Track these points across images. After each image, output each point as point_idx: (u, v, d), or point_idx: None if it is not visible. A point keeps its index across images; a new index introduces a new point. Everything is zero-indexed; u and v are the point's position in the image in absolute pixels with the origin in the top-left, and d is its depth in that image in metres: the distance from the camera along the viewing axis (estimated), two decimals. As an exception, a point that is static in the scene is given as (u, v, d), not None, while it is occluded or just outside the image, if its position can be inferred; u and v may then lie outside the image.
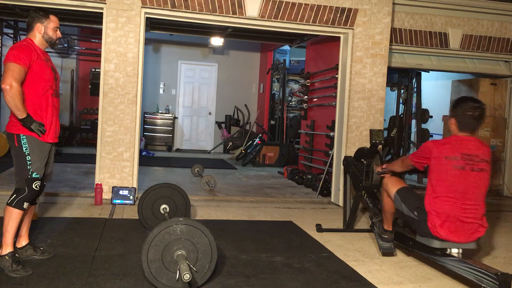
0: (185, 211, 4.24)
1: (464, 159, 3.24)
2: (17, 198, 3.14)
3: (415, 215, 3.40)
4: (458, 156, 3.24)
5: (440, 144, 3.34)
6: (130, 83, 5.45)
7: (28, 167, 3.16)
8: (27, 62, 3.09)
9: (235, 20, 5.77)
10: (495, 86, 7.67)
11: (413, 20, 6.65)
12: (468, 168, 3.23)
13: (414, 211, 3.41)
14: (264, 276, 3.26)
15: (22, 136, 3.15)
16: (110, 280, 3.02)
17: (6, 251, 3.09)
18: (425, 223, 3.32)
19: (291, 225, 4.85)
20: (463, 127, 3.34)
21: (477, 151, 3.29)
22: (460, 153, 3.25)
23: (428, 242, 3.38)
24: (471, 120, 3.30)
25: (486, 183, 3.33)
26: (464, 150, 3.26)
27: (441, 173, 3.26)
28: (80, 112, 11.54)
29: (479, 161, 3.27)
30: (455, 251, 3.34)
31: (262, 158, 9.87)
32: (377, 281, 3.31)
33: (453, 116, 3.38)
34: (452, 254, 3.33)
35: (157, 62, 11.96)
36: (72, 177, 6.78)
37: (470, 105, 3.31)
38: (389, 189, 3.67)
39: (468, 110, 3.30)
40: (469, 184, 3.25)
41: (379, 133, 4.69)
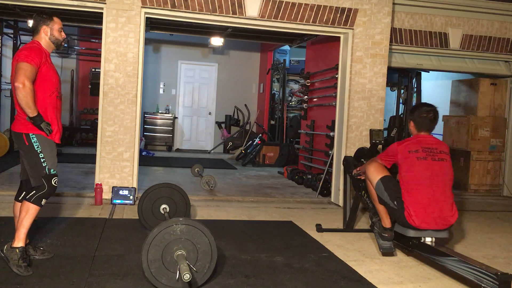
0: (185, 211, 4.24)
1: (425, 151, 3.64)
2: (37, 194, 3.18)
3: (395, 204, 3.66)
4: (420, 149, 3.64)
5: (402, 142, 3.78)
6: (130, 83, 5.45)
7: (43, 164, 3.20)
8: (38, 62, 3.15)
9: (235, 20, 5.78)
10: (495, 86, 7.67)
11: (413, 20, 6.65)
12: (429, 158, 3.62)
13: (394, 200, 3.66)
14: (264, 276, 3.26)
15: (31, 135, 3.19)
16: (110, 280, 3.02)
17: (18, 245, 3.12)
18: (402, 213, 3.60)
19: (291, 225, 4.85)
20: (420, 128, 3.78)
21: (436, 145, 3.71)
22: (420, 146, 3.66)
23: (404, 232, 3.66)
24: (426, 121, 3.75)
25: (450, 171, 3.68)
26: (423, 144, 3.68)
27: (408, 165, 3.64)
28: (80, 112, 11.54)
29: (438, 153, 3.66)
30: (428, 239, 3.60)
31: (262, 158, 9.87)
32: (377, 281, 3.31)
33: (411, 119, 3.85)
34: (426, 243, 3.58)
35: (157, 62, 11.96)
36: (72, 177, 6.78)
37: (424, 109, 3.79)
38: (372, 177, 3.86)
39: (423, 113, 3.76)
40: (433, 172, 3.59)
41: (379, 133, 4.69)
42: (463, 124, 7.78)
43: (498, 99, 7.71)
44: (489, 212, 6.31)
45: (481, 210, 6.36)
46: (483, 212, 6.26)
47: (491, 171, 7.70)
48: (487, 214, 6.10)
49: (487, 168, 7.69)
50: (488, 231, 5.09)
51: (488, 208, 6.56)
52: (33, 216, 3.18)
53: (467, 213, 6.02)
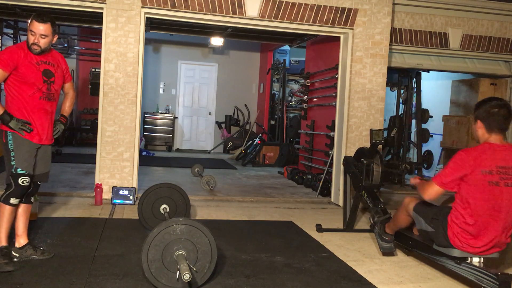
0: (185, 211, 4.24)
1: (499, 173, 2.96)
2: (6, 193, 3.23)
3: (432, 227, 3.24)
4: (494, 170, 2.96)
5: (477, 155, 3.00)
6: (130, 83, 5.45)
7: (12, 162, 3.23)
8: (9, 64, 3.17)
9: (235, 20, 5.77)
10: (495, 86, 7.67)
11: (413, 20, 6.65)
12: (502, 183, 2.97)
13: (431, 223, 3.24)
14: (264, 276, 3.26)
15: (8, 133, 3.24)
16: (110, 280, 3.02)
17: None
18: (444, 233, 3.14)
19: (291, 225, 4.85)
20: (492, 128, 3.03)
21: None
22: (495, 165, 2.96)
23: (448, 252, 3.21)
24: (499, 119, 3.00)
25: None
26: (498, 161, 2.97)
27: (475, 188, 2.99)
28: (80, 112, 11.53)
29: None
30: (476, 259, 3.13)
31: (262, 158, 9.87)
32: (377, 281, 3.31)
33: (477, 118, 3.10)
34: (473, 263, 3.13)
35: (157, 62, 11.96)
36: (72, 177, 6.78)
37: (495, 103, 3.04)
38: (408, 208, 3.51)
39: (494, 107, 3.02)
40: (503, 202, 2.99)
41: (379, 133, 4.69)
42: (463, 124, 7.77)
43: (498, 99, 7.69)
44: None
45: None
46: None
47: (491, 171, 7.67)
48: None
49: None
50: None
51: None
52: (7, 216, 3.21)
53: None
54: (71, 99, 3.67)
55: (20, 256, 3.31)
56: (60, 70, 3.45)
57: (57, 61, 3.44)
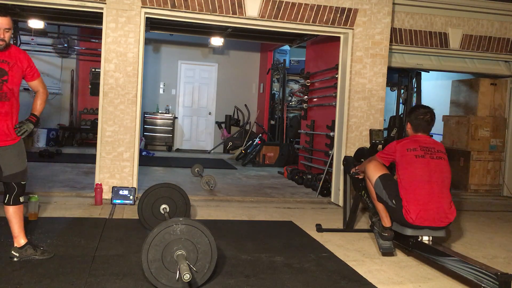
0: (185, 211, 4.24)
1: (423, 150, 3.70)
2: None
3: (393, 203, 3.68)
4: (418, 148, 3.71)
5: (400, 141, 3.85)
6: (130, 83, 5.45)
7: None
8: None
9: (235, 20, 5.77)
10: (495, 86, 7.67)
11: (413, 20, 6.65)
12: (428, 156, 3.68)
13: (393, 199, 3.69)
14: (264, 276, 3.26)
15: None
16: (110, 280, 3.02)
17: None
18: (400, 211, 3.63)
19: (291, 225, 4.85)
20: (417, 129, 3.84)
21: (433, 144, 3.78)
22: (418, 145, 3.72)
23: (402, 230, 3.69)
24: (423, 123, 3.82)
25: (448, 169, 3.74)
26: (421, 143, 3.74)
27: (406, 163, 3.69)
28: (80, 112, 11.53)
29: (436, 152, 3.73)
30: (426, 238, 3.63)
31: (262, 158, 9.87)
32: (377, 281, 3.31)
33: (408, 121, 3.93)
34: (423, 241, 3.62)
35: (157, 62, 11.96)
36: (72, 177, 6.78)
37: (421, 111, 3.86)
38: (371, 175, 3.89)
39: (420, 115, 3.83)
40: (431, 169, 3.65)
41: (379, 133, 4.69)
42: (463, 124, 7.78)
43: (498, 99, 7.71)
44: (489, 212, 6.31)
45: (481, 210, 6.36)
46: (483, 212, 6.26)
47: (491, 171, 7.70)
48: (487, 214, 6.10)
49: (487, 168, 7.68)
50: (488, 231, 5.09)
51: (488, 208, 6.56)
52: None
53: (467, 213, 6.02)
54: (42, 96, 3.45)
55: (20, 256, 3.30)
56: (17, 67, 3.27)
57: (15, 59, 3.27)
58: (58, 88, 11.13)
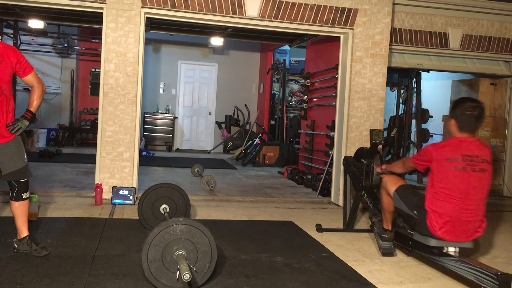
0: (185, 211, 4.24)
1: (465, 160, 3.24)
2: None
3: (415, 214, 3.43)
4: (459, 157, 3.24)
5: (440, 147, 3.35)
6: (130, 83, 5.45)
7: None
8: None
9: (235, 20, 5.77)
10: (495, 86, 7.67)
11: (413, 20, 6.65)
12: (469, 169, 3.24)
13: (414, 210, 3.44)
14: (264, 276, 3.26)
15: None
16: (110, 280, 3.02)
17: None
18: (424, 222, 3.35)
19: (291, 225, 4.85)
20: (463, 128, 3.33)
21: (478, 152, 3.29)
22: (460, 154, 3.25)
23: (425, 241, 3.41)
24: (471, 120, 3.30)
25: (488, 184, 3.34)
26: (464, 151, 3.27)
27: (442, 174, 3.27)
28: (80, 112, 11.54)
29: (480, 162, 3.27)
30: (452, 249, 3.37)
31: (262, 158, 9.87)
32: (377, 281, 3.31)
33: (452, 117, 3.38)
34: (449, 253, 3.36)
35: (157, 62, 11.96)
36: (72, 177, 6.77)
37: (469, 105, 3.32)
38: (388, 187, 3.70)
39: (467, 109, 3.30)
40: (470, 185, 3.25)
41: (379, 133, 4.68)
42: (463, 124, 7.76)
43: (498, 99, 7.71)
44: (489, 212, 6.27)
45: (481, 210, 6.35)
46: (483, 212, 6.25)
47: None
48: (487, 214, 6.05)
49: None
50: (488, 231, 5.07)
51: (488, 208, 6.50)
52: None
53: (467, 213, 6.01)
54: (37, 91, 3.37)
55: (18, 248, 3.39)
56: (5, 64, 3.20)
57: (2, 55, 3.19)
58: (58, 88, 11.14)
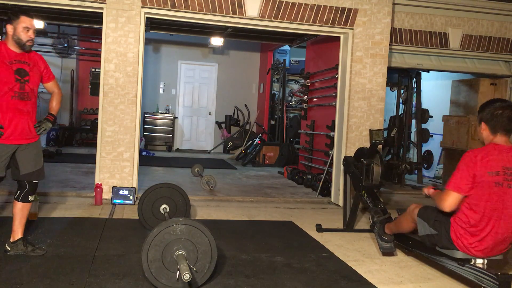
0: (185, 211, 4.24)
1: (505, 173, 2.97)
2: None
3: (434, 229, 3.22)
4: (500, 171, 2.96)
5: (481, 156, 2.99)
6: (130, 83, 5.45)
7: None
8: None
9: (235, 20, 5.77)
10: (495, 86, 7.67)
11: (413, 20, 6.65)
12: (505, 185, 2.98)
13: (433, 225, 3.23)
14: (264, 276, 3.26)
15: None
16: (110, 280, 3.02)
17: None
18: (447, 235, 3.14)
19: (291, 225, 4.85)
20: (497, 129, 3.04)
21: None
22: (501, 166, 2.97)
23: (451, 253, 3.19)
24: (504, 120, 3.01)
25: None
26: (505, 163, 2.98)
27: (480, 188, 2.99)
28: (80, 112, 11.54)
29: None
30: (480, 261, 3.12)
31: (262, 158, 9.87)
32: (377, 281, 3.31)
33: (482, 120, 3.10)
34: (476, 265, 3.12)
35: (157, 62, 11.96)
36: (72, 177, 6.77)
37: (499, 105, 3.05)
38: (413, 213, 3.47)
39: (497, 109, 3.02)
40: (505, 203, 3.00)
41: (379, 133, 4.68)
42: (463, 124, 7.77)
43: (498, 99, 7.70)
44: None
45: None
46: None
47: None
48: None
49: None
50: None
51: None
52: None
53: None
54: (57, 97, 3.67)
55: (11, 250, 3.38)
56: (36, 69, 3.45)
57: (34, 61, 3.45)
58: (58, 88, 11.12)
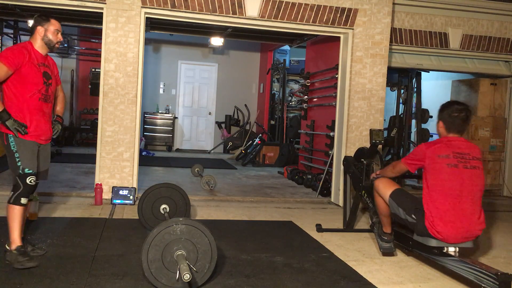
0: (185, 211, 4.24)
1: (456, 157, 3.33)
2: (14, 195, 3.26)
3: (413, 218, 3.43)
4: (450, 154, 3.33)
5: (431, 144, 3.44)
6: (130, 83, 5.45)
7: (18, 163, 3.26)
8: (15, 63, 3.20)
9: (235, 20, 5.78)
10: (495, 86, 7.67)
11: (413, 20, 6.65)
12: (461, 166, 3.32)
13: (412, 214, 3.44)
14: (264, 276, 3.26)
15: (9, 135, 3.25)
16: (110, 280, 3.02)
17: (13, 246, 3.20)
18: (423, 223, 3.36)
19: (291, 225, 4.85)
20: (451, 129, 3.45)
21: (468, 149, 3.40)
22: (451, 151, 3.34)
23: (426, 241, 3.42)
24: (458, 121, 3.42)
25: (481, 181, 3.39)
26: (455, 148, 3.36)
27: (436, 172, 3.34)
28: (80, 112, 11.54)
29: (471, 159, 3.36)
30: (452, 249, 3.38)
31: (262, 158, 9.87)
32: (377, 281, 3.31)
33: (440, 119, 3.51)
34: (449, 253, 3.36)
35: (157, 62, 11.96)
36: (72, 177, 6.77)
37: (456, 108, 3.45)
38: (381, 192, 3.68)
39: (454, 112, 3.42)
40: (464, 182, 3.31)
41: (379, 133, 4.68)
42: (463, 124, 7.77)
43: (498, 99, 7.71)
44: (489, 212, 6.30)
45: (481, 210, 6.35)
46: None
47: (491, 171, 7.69)
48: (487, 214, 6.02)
49: (487, 168, 7.67)
50: (488, 231, 5.08)
51: (488, 208, 6.55)
52: (19, 217, 3.24)
53: (467, 213, 6.01)
54: (63, 100, 3.80)
55: None
56: (54, 73, 3.57)
57: (52, 65, 3.56)
58: (58, 88, 11.12)
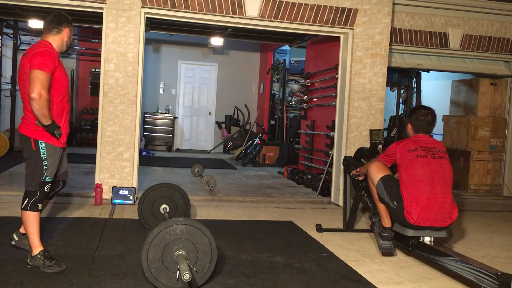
0: (185, 211, 4.24)
1: (424, 150, 3.71)
2: (30, 201, 3.20)
3: (394, 204, 3.70)
4: (418, 148, 3.72)
5: (400, 142, 3.86)
6: (130, 83, 5.45)
7: (43, 171, 3.21)
8: (52, 69, 3.13)
9: (235, 20, 5.78)
10: (495, 86, 7.67)
11: (413, 20, 6.65)
12: (429, 156, 3.69)
13: (394, 200, 3.71)
14: (264, 276, 3.26)
15: (40, 142, 3.18)
16: (110, 280, 3.02)
17: (37, 251, 3.16)
18: (402, 212, 3.64)
19: (291, 225, 4.85)
20: (418, 130, 3.85)
21: (434, 144, 3.79)
22: (419, 145, 3.73)
23: (403, 231, 3.70)
24: (424, 124, 3.83)
25: (450, 169, 3.75)
26: (422, 144, 3.75)
27: (408, 163, 3.69)
28: (80, 112, 11.54)
29: (437, 151, 3.74)
30: (427, 239, 3.64)
31: (262, 158, 9.87)
32: (377, 281, 3.31)
33: (409, 122, 3.94)
34: (425, 243, 3.62)
35: (157, 62, 11.96)
36: (72, 177, 6.75)
37: (422, 112, 3.87)
38: (373, 174, 3.91)
39: (421, 116, 3.84)
40: (433, 169, 3.65)
41: (379, 133, 4.69)
42: (463, 124, 7.78)
43: (498, 99, 7.71)
44: (489, 212, 6.31)
45: (481, 210, 6.36)
46: (483, 212, 6.26)
47: (491, 171, 7.70)
48: (487, 214, 6.10)
49: (487, 168, 7.69)
50: (488, 231, 5.09)
51: (488, 208, 6.56)
52: (37, 222, 3.21)
53: (467, 213, 6.02)
54: None
55: (17, 241, 3.41)
56: None
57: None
58: (58, 88, 11.12)
